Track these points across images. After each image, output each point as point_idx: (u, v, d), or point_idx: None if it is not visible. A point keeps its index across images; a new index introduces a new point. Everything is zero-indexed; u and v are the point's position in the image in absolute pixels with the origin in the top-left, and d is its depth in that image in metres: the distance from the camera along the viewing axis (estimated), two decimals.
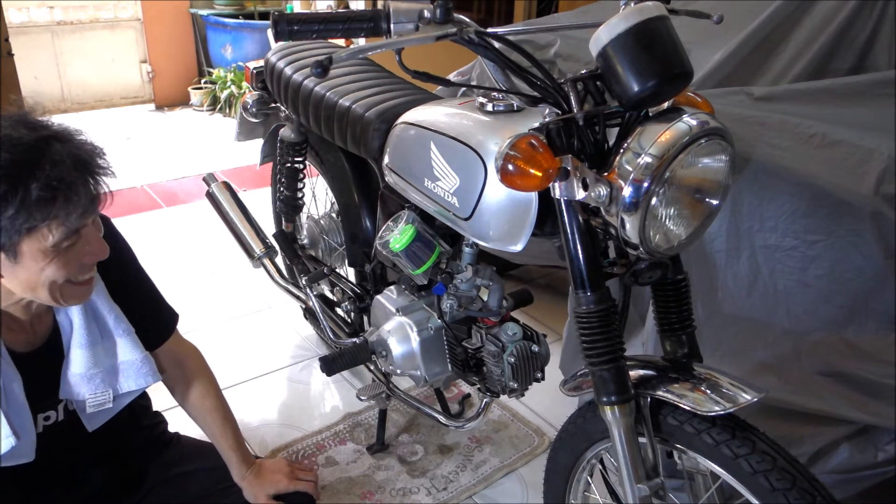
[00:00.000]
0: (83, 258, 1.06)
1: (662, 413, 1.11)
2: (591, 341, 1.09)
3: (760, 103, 1.49)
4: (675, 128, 0.99)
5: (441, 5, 1.00)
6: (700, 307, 1.56)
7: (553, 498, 1.37)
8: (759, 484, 1.00)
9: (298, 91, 1.84)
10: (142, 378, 1.26)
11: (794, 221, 1.47)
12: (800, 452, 1.49)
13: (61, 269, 1.03)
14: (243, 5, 5.51)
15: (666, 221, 1.05)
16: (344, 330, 1.91)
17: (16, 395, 1.11)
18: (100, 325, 1.21)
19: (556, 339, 2.25)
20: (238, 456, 1.40)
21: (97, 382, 1.21)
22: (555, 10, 4.29)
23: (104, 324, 1.22)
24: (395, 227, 1.43)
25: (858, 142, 1.38)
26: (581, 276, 1.08)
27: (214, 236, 2.24)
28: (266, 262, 2.08)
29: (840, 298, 1.48)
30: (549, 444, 1.94)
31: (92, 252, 1.07)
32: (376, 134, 1.58)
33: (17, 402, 1.11)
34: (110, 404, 1.24)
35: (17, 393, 1.11)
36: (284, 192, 2.11)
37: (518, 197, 1.16)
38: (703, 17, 1.14)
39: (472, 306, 1.47)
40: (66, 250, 1.03)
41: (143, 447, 1.43)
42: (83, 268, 1.08)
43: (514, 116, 1.24)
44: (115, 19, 5.31)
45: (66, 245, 1.02)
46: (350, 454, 1.92)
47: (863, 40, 1.68)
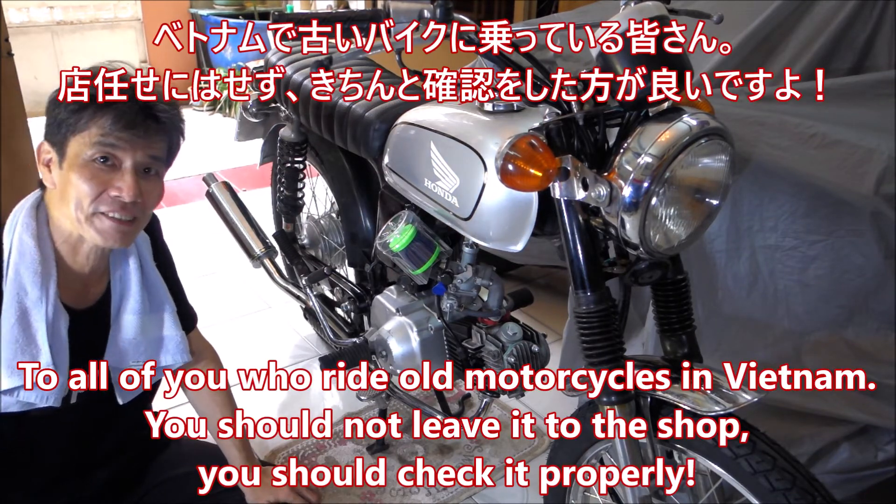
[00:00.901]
0: (111, 189, 1.09)
1: (662, 413, 1.11)
2: (591, 341, 1.09)
3: (760, 103, 1.49)
4: (675, 128, 0.99)
5: (441, 5, 1.01)
6: (700, 307, 1.56)
7: (553, 498, 1.37)
8: (759, 484, 1.00)
9: (298, 91, 1.84)
10: (179, 355, 1.32)
11: (794, 221, 1.47)
12: (800, 452, 1.49)
13: (86, 183, 1.07)
14: (243, 5, 5.52)
15: (666, 221, 1.05)
16: (344, 330, 1.91)
17: (60, 330, 1.14)
18: (152, 297, 1.28)
19: (556, 339, 2.25)
20: (243, 458, 1.41)
21: (142, 350, 1.26)
22: (555, 10, 4.30)
23: (156, 296, 1.29)
24: (395, 227, 1.43)
25: (858, 142, 1.38)
26: (581, 276, 1.08)
27: (214, 236, 2.25)
28: (266, 262, 2.08)
29: (840, 298, 1.48)
30: (549, 444, 1.94)
31: (119, 188, 1.09)
32: (376, 134, 1.58)
33: (60, 337, 1.14)
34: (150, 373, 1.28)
35: (61, 329, 1.14)
36: (284, 192, 2.11)
37: (518, 197, 1.16)
38: (704, 17, 1.14)
39: (472, 306, 1.47)
40: (98, 169, 1.08)
41: (145, 447, 1.43)
42: (110, 202, 1.10)
43: (514, 116, 1.24)
44: (115, 19, 5.31)
45: (97, 159, 1.07)
46: (350, 454, 1.92)
47: (863, 40, 1.68)
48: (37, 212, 1.15)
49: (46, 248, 1.14)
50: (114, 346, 1.24)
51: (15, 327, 1.10)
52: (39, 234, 1.13)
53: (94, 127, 1.06)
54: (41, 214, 1.15)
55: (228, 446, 1.41)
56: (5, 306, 1.10)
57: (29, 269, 1.11)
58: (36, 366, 1.11)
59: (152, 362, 1.29)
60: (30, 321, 1.11)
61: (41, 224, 1.14)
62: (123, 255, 1.24)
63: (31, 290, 1.11)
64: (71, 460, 1.30)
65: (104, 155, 1.08)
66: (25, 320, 1.10)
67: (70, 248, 1.17)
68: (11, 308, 1.10)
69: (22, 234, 1.12)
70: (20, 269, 1.11)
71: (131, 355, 1.25)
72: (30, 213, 1.14)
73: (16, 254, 1.11)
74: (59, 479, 1.29)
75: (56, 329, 1.13)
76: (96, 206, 1.09)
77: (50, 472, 1.28)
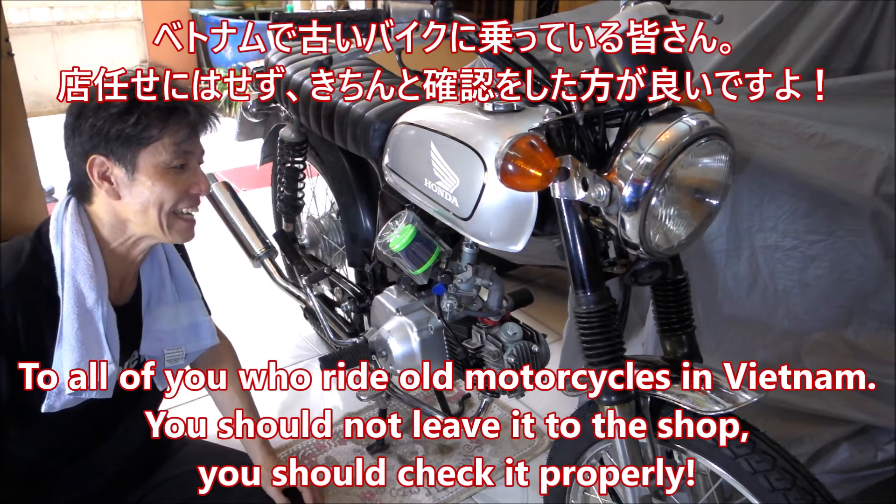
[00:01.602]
0: (190, 188, 1.17)
1: (662, 413, 1.11)
2: (591, 341, 1.09)
3: (760, 103, 1.49)
4: (675, 128, 0.99)
5: (441, 5, 1.01)
6: (700, 307, 1.56)
7: (553, 498, 1.37)
8: (758, 484, 1.00)
9: (298, 91, 1.84)
10: (210, 338, 1.40)
11: (794, 221, 1.47)
12: (800, 452, 1.49)
13: (170, 189, 1.14)
14: (243, 5, 5.52)
15: (666, 221, 1.05)
16: (344, 330, 1.91)
17: (112, 329, 1.19)
18: (179, 286, 1.35)
19: (556, 339, 2.25)
20: (257, 443, 1.46)
21: (176, 337, 1.33)
22: (555, 10, 4.30)
23: (183, 286, 1.36)
24: (395, 227, 1.43)
25: (858, 142, 1.38)
26: (581, 276, 1.08)
27: (214, 236, 2.25)
28: (266, 262, 2.08)
29: (840, 298, 1.48)
30: (549, 444, 1.94)
31: (197, 183, 1.18)
32: (376, 134, 1.58)
33: (114, 333, 1.19)
34: (183, 360, 1.36)
35: (113, 328, 1.19)
36: (284, 192, 2.11)
37: (518, 197, 1.16)
38: (704, 17, 1.14)
39: (472, 306, 1.47)
40: (176, 174, 1.15)
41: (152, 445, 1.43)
42: (189, 198, 1.18)
43: (514, 116, 1.24)
44: (115, 19, 5.31)
45: (175, 166, 1.14)
46: (350, 454, 1.92)
47: (863, 40, 1.68)
48: (80, 217, 1.17)
49: (96, 252, 1.17)
50: (150, 337, 1.30)
51: (80, 332, 1.14)
52: (88, 239, 1.17)
53: (168, 137, 1.11)
54: (84, 219, 1.18)
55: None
56: (67, 312, 1.13)
57: (85, 274, 1.14)
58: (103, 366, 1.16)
59: (152, 362, 1.31)
60: (92, 323, 1.15)
61: (87, 229, 1.17)
62: (152, 250, 1.29)
63: (88, 295, 1.14)
64: (87, 453, 1.31)
65: (183, 162, 1.15)
66: (87, 323, 1.15)
67: (126, 249, 1.21)
68: (73, 314, 1.13)
69: (74, 240, 1.15)
70: (76, 274, 1.14)
71: (168, 344, 1.32)
72: (76, 219, 1.16)
73: (70, 260, 1.14)
74: (69, 477, 1.30)
75: (109, 326, 1.18)
76: (176, 206, 1.16)
77: (61, 469, 1.29)
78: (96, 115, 1.09)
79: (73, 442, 1.29)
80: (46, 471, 1.28)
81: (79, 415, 1.23)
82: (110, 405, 1.25)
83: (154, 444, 1.43)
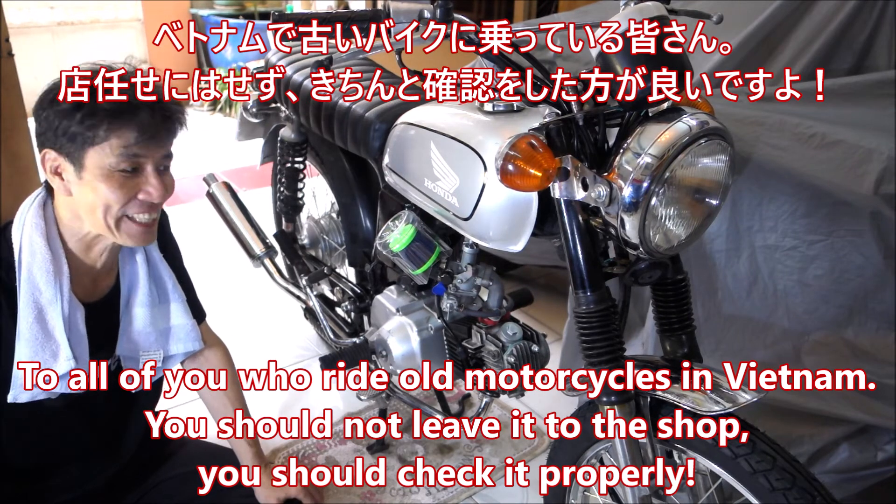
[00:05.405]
0: (140, 193, 1.12)
1: (662, 413, 1.11)
2: (591, 341, 1.09)
3: (760, 103, 1.49)
4: (675, 128, 0.99)
5: (441, 5, 1.01)
6: (700, 307, 1.56)
7: (553, 498, 1.37)
8: (758, 483, 1.00)
9: (298, 91, 1.84)
10: (190, 342, 1.36)
11: (794, 221, 1.47)
12: (800, 452, 1.49)
13: (115, 192, 1.09)
14: (243, 5, 5.52)
15: (666, 221, 1.05)
16: (344, 330, 1.91)
17: (77, 323, 1.17)
18: (159, 288, 1.32)
19: (556, 339, 2.25)
20: (252, 452, 1.43)
21: (152, 341, 1.30)
22: (555, 10, 4.30)
23: (163, 288, 1.32)
24: (395, 227, 1.43)
25: (858, 142, 1.38)
26: (581, 276, 1.08)
27: (214, 236, 2.26)
28: (266, 262, 2.08)
29: (840, 298, 1.48)
30: (549, 444, 1.94)
31: (149, 192, 1.13)
32: (376, 134, 1.58)
33: (78, 330, 1.17)
34: (161, 364, 1.33)
35: (78, 322, 1.17)
36: (284, 192, 2.11)
37: (518, 197, 1.16)
38: (704, 17, 1.14)
39: (472, 306, 1.47)
40: (125, 177, 1.10)
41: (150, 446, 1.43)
42: (139, 205, 1.14)
43: (513, 116, 1.24)
44: (115, 19, 5.31)
45: (124, 170, 1.09)
46: (350, 454, 1.92)
47: (863, 40, 1.68)
48: (44, 211, 1.16)
49: (56, 246, 1.16)
50: (125, 338, 1.28)
51: (34, 325, 1.13)
52: (49, 234, 1.15)
53: (115, 138, 1.07)
54: (49, 213, 1.17)
55: (238, 440, 1.43)
56: (22, 306, 1.12)
57: (41, 268, 1.13)
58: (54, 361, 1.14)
59: (152, 362, 1.31)
60: (46, 318, 1.14)
61: (50, 223, 1.16)
62: (131, 249, 1.27)
63: (45, 289, 1.13)
64: (84, 452, 1.31)
65: (132, 166, 1.10)
66: (42, 318, 1.13)
67: (84, 245, 1.19)
68: (28, 307, 1.12)
69: (32, 234, 1.14)
70: (32, 268, 1.13)
71: (143, 346, 1.29)
72: (38, 213, 1.15)
73: (27, 254, 1.13)
74: (69, 476, 1.31)
75: (73, 323, 1.16)
76: (125, 210, 1.12)
77: (62, 464, 1.30)
78: (50, 107, 1.07)
79: (71, 441, 1.29)
80: (45, 470, 1.28)
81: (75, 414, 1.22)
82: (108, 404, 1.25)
83: (153, 444, 1.43)
